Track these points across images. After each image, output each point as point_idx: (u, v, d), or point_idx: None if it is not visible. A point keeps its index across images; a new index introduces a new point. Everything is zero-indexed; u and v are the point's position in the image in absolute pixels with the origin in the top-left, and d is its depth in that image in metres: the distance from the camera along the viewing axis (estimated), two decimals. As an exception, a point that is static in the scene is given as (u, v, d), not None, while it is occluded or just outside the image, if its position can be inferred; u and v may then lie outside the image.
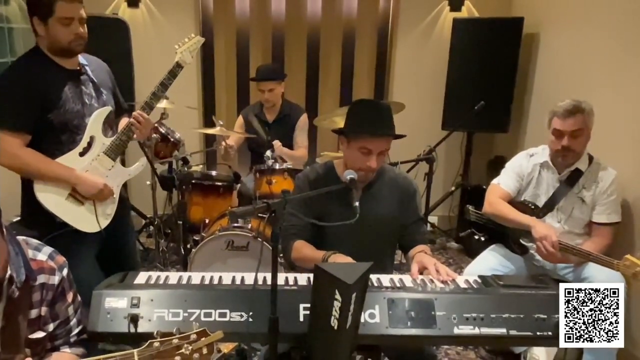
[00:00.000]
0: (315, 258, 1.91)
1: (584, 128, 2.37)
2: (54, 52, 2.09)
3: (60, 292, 1.48)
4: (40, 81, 2.03)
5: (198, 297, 1.58)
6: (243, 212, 1.95)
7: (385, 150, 1.95)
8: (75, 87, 2.12)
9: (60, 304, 1.49)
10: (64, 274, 1.49)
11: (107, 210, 2.21)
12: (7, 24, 3.40)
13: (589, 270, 2.33)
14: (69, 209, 2.10)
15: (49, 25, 2.02)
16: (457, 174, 4.39)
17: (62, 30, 2.02)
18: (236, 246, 2.85)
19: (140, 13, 4.20)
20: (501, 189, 2.59)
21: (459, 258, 4.01)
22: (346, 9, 4.40)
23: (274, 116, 3.67)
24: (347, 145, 1.99)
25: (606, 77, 2.95)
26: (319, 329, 1.43)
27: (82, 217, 2.13)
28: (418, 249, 2.04)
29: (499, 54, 3.90)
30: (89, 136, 2.13)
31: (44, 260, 1.46)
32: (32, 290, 1.41)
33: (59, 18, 2.00)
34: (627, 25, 2.79)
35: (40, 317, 1.44)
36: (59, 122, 2.06)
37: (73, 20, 2.02)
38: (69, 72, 2.12)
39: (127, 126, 2.20)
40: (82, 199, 2.12)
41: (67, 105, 2.07)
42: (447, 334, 1.55)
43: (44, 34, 2.05)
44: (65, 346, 1.53)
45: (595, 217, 2.43)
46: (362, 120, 1.95)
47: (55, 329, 1.48)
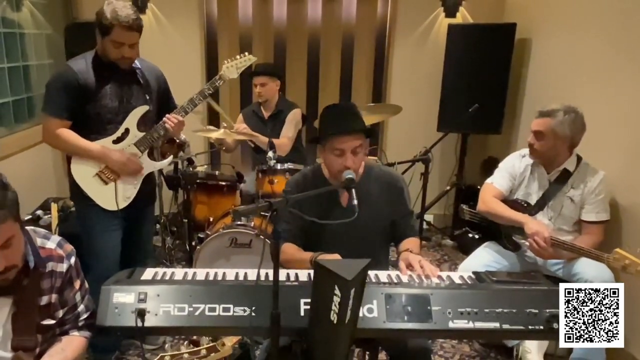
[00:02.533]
0: (303, 259, 1.91)
1: (547, 132, 2.37)
2: (104, 59, 2.26)
3: (69, 279, 1.50)
4: (82, 77, 2.19)
5: (203, 292, 1.58)
6: (246, 211, 1.95)
7: (359, 147, 1.91)
8: (118, 86, 2.27)
9: (69, 291, 1.51)
10: (71, 261, 1.51)
11: (127, 193, 2.35)
12: (19, 30, 3.40)
13: (579, 266, 2.33)
14: (94, 186, 2.30)
15: (104, 42, 2.20)
16: (452, 173, 4.39)
17: (112, 50, 2.19)
18: (239, 243, 2.85)
19: (147, 18, 4.18)
20: (495, 188, 2.59)
21: (454, 255, 4.01)
22: (345, 14, 4.40)
23: (270, 112, 3.68)
24: (323, 152, 1.99)
25: (595, 80, 2.95)
26: (319, 323, 1.43)
27: (104, 195, 2.31)
28: (407, 243, 2.03)
29: (492, 58, 3.90)
30: (125, 128, 2.31)
31: (52, 248, 1.48)
32: (42, 278, 1.43)
33: (112, 41, 2.17)
34: (615, 31, 2.79)
35: (50, 304, 1.46)
36: (94, 114, 2.24)
37: (124, 45, 2.18)
38: (116, 72, 2.27)
39: (159, 125, 2.36)
40: (107, 179, 2.31)
41: (104, 100, 2.24)
42: (442, 328, 1.55)
43: (100, 45, 2.24)
44: (74, 330, 1.56)
45: (585, 216, 2.43)
46: (328, 123, 1.95)
47: (64, 315, 1.51)
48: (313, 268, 1.41)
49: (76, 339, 1.55)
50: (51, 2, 3.84)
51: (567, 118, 2.35)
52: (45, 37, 3.77)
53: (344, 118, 1.94)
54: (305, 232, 2.03)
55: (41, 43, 3.71)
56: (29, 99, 3.52)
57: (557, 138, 2.37)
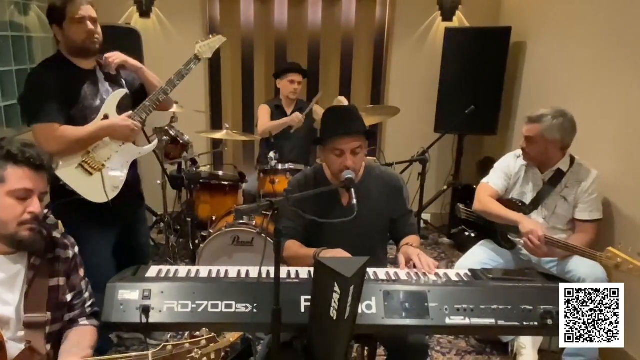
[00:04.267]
0: (307, 255, 1.91)
1: (537, 138, 2.38)
2: (72, 53, 2.15)
3: (74, 266, 1.57)
4: (59, 81, 2.08)
5: (206, 289, 1.58)
6: (248, 210, 1.95)
7: (358, 148, 1.91)
8: (93, 86, 2.18)
9: (75, 276, 1.57)
10: (75, 250, 1.59)
11: (114, 182, 2.19)
12: (26, 33, 3.40)
13: (572, 264, 2.33)
14: (78, 178, 2.11)
15: (64, 28, 2.09)
16: (449, 173, 4.38)
17: (77, 31, 2.09)
18: (241, 242, 2.86)
19: (151, 23, 4.19)
20: (490, 187, 2.59)
21: (450, 253, 4.01)
22: (345, 18, 4.40)
23: (291, 109, 3.73)
24: (324, 153, 1.99)
25: (587, 82, 2.95)
26: (319, 319, 1.43)
27: (91, 187, 2.13)
28: (407, 240, 2.03)
29: (488, 61, 3.89)
30: (103, 114, 2.17)
31: (59, 237, 1.55)
32: (51, 261, 1.50)
33: (71, 19, 2.07)
34: (606, 35, 2.79)
35: (59, 286, 1.51)
36: (80, 117, 2.13)
37: (84, 19, 2.09)
38: (86, 72, 2.18)
39: (140, 107, 2.23)
40: (90, 170, 2.14)
41: (86, 102, 2.14)
42: (439, 324, 1.55)
43: (62, 38, 2.12)
44: (83, 318, 1.59)
45: (578, 215, 2.43)
46: (329, 125, 1.96)
47: (72, 299, 1.55)
48: (314, 265, 1.41)
49: (88, 329, 1.57)
50: (58, 7, 3.84)
51: (555, 123, 2.34)
52: (52, 41, 3.76)
53: (344, 120, 1.94)
54: (308, 231, 2.03)
55: (48, 46, 3.71)
56: (36, 101, 3.52)
57: (548, 142, 2.37)
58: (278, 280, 1.43)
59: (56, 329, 1.50)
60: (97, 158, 2.16)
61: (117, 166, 2.20)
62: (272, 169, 3.15)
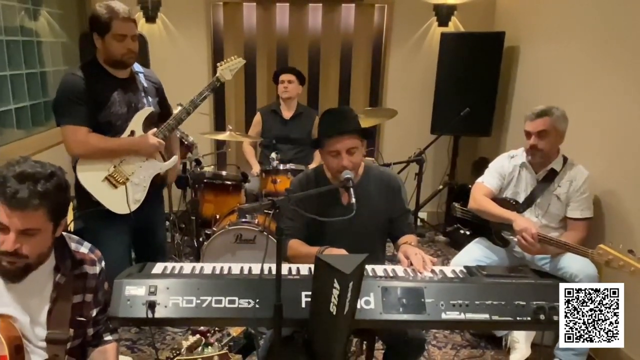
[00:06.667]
0: (310, 254, 1.89)
1: (550, 130, 2.36)
2: (108, 63, 2.19)
3: (101, 281, 1.52)
4: (91, 87, 2.12)
5: (209, 285, 1.58)
6: (250, 209, 1.94)
7: (354, 147, 1.88)
8: (124, 94, 2.21)
9: (102, 293, 1.53)
10: (102, 265, 1.53)
11: (136, 196, 2.26)
12: (36, 38, 3.40)
13: (564, 261, 2.33)
14: (104, 191, 2.19)
15: (106, 41, 2.12)
16: (445, 173, 4.38)
17: (116, 46, 2.12)
18: (244, 239, 2.85)
19: (157, 28, 4.19)
20: (485, 187, 2.58)
21: (446, 250, 4.01)
22: (344, 23, 4.39)
23: (291, 113, 3.70)
24: (322, 154, 1.98)
25: (579, 85, 2.95)
26: (319, 314, 1.43)
27: (115, 199, 2.21)
28: (404, 239, 2.03)
29: (482, 65, 3.89)
30: (130, 130, 2.22)
31: (85, 253, 1.50)
32: (77, 278, 1.45)
33: (114, 35, 2.10)
34: (597, 39, 2.79)
35: (84, 302, 1.47)
36: (106, 122, 2.17)
37: (126, 37, 2.12)
38: (119, 80, 2.21)
39: (164, 126, 2.30)
40: (116, 183, 2.21)
41: (113, 108, 2.17)
42: (435, 319, 1.54)
43: (101, 47, 2.15)
44: (107, 334, 1.57)
45: (570, 213, 2.43)
46: (325, 127, 1.95)
47: (97, 315, 1.51)
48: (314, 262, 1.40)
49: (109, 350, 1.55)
50: (66, 12, 3.83)
51: (560, 114, 2.37)
52: (61, 45, 3.76)
53: (337, 121, 1.93)
54: (309, 230, 2.03)
55: (57, 50, 3.70)
56: (46, 104, 3.51)
57: (558, 133, 2.38)
58: (279, 276, 1.43)
59: (77, 343, 1.47)
60: (123, 172, 2.23)
61: (140, 180, 2.27)
62: (273, 169, 3.14)
